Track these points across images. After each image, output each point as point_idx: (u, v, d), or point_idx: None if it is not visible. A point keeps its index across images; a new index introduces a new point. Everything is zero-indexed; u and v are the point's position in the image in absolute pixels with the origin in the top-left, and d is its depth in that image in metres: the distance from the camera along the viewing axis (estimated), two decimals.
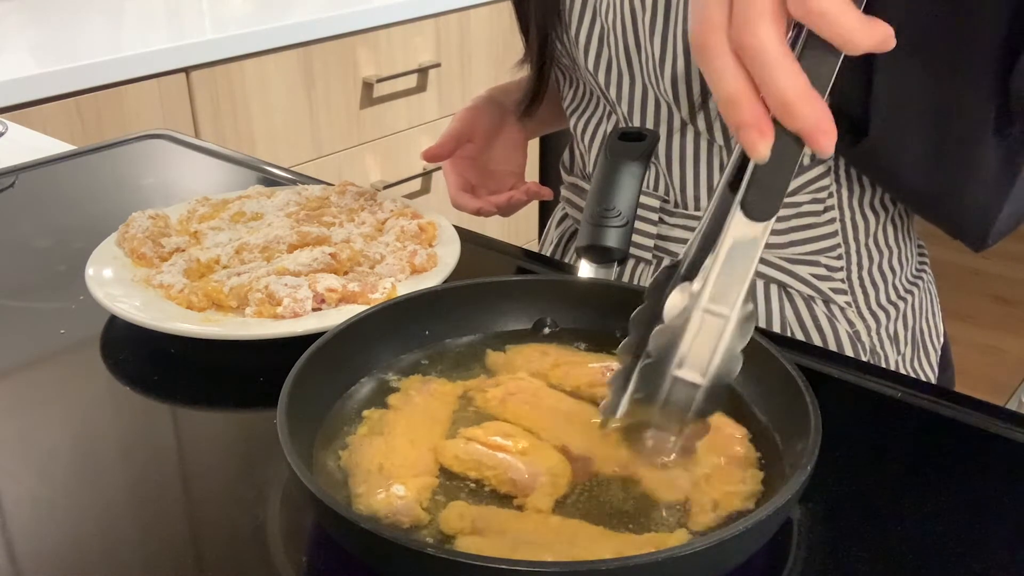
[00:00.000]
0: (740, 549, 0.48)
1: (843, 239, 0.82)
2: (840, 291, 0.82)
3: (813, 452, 0.50)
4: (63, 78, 1.52)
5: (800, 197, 0.80)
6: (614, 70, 0.83)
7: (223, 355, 0.72)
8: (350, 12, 1.93)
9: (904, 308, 0.86)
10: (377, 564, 0.49)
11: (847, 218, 0.81)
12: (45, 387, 0.72)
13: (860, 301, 0.83)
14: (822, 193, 0.80)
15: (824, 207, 0.80)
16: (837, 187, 0.80)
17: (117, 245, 0.82)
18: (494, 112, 0.97)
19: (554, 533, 0.50)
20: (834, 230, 0.81)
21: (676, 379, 0.52)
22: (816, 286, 0.82)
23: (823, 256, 0.82)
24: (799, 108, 0.44)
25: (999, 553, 0.53)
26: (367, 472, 0.54)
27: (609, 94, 0.85)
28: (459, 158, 0.96)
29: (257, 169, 1.10)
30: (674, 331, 0.51)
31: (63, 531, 0.56)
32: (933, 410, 0.64)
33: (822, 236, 0.81)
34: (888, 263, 0.85)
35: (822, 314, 0.82)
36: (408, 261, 0.79)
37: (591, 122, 0.90)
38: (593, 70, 0.85)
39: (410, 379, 0.62)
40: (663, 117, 0.82)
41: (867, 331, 0.84)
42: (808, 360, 0.68)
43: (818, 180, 0.80)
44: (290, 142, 1.90)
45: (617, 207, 0.75)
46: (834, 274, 0.82)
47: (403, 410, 0.59)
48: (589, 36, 0.84)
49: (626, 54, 0.82)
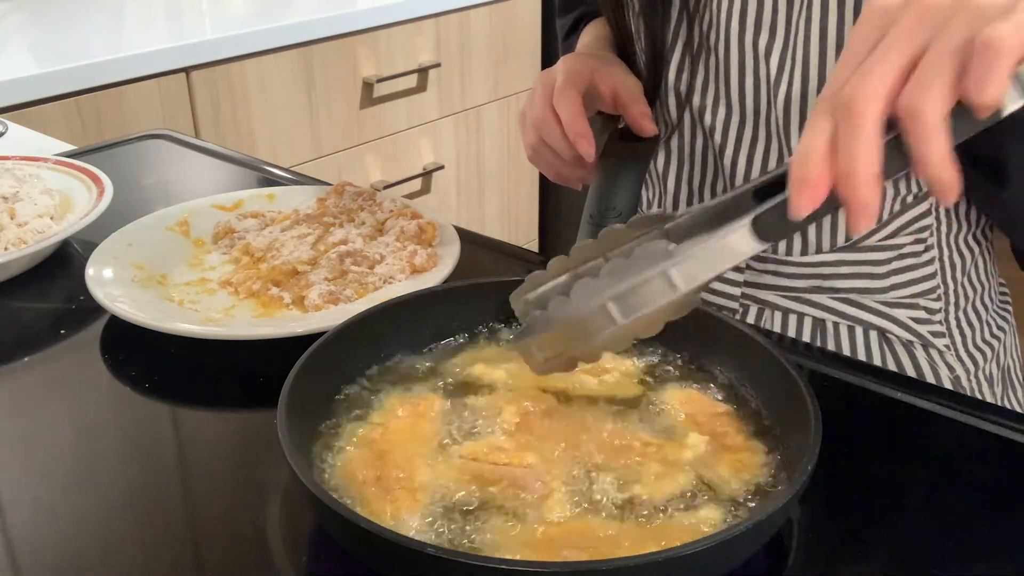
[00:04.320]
0: (740, 549, 0.48)
1: (941, 279, 0.80)
2: (939, 334, 0.81)
3: (813, 452, 0.50)
4: (63, 78, 1.52)
5: (902, 239, 0.78)
6: (710, 94, 0.79)
7: (223, 355, 0.72)
8: (350, 12, 1.93)
9: (997, 348, 0.85)
10: (377, 564, 0.49)
11: (945, 256, 0.80)
12: (45, 387, 0.72)
13: (958, 343, 0.82)
14: (924, 233, 0.78)
15: (925, 247, 0.79)
16: (937, 224, 0.78)
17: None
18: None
19: (579, 536, 0.50)
20: (934, 271, 0.79)
21: (603, 308, 0.53)
22: (916, 330, 0.80)
23: (922, 299, 0.80)
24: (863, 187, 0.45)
25: (999, 553, 0.53)
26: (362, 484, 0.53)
27: (703, 123, 0.81)
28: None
29: (257, 169, 1.10)
30: (628, 268, 0.52)
31: (63, 531, 0.56)
32: (933, 410, 0.64)
33: (922, 278, 0.79)
34: (980, 300, 0.83)
35: (923, 360, 0.80)
36: (408, 261, 0.79)
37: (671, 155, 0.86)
38: (686, 93, 0.80)
39: (403, 393, 0.61)
40: (759, 151, 0.78)
41: (967, 375, 0.82)
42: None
43: (920, 219, 0.78)
44: (290, 142, 1.90)
45: (617, 207, 0.75)
46: (933, 316, 0.80)
47: (398, 423, 0.59)
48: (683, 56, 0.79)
49: (725, 76, 0.78)
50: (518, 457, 0.55)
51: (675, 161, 0.85)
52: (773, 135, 0.77)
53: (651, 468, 0.54)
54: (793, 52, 0.73)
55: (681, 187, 0.85)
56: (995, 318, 0.85)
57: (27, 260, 0.84)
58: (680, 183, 0.85)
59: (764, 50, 0.74)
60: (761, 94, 0.76)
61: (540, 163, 0.84)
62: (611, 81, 0.80)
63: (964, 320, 0.82)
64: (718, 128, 0.79)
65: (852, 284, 0.80)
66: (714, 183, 0.82)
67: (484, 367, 0.64)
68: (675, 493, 0.53)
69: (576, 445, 0.56)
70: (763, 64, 0.75)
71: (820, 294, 0.80)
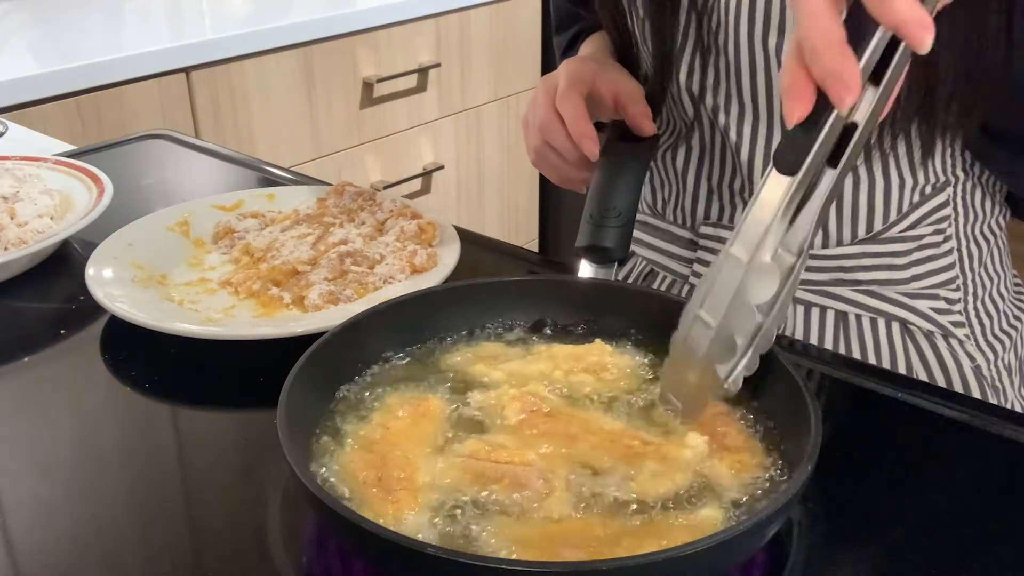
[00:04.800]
0: (740, 549, 0.48)
1: (960, 269, 0.81)
2: (959, 324, 0.82)
3: (813, 452, 0.50)
4: (63, 78, 1.52)
5: (922, 229, 0.79)
6: (722, 93, 0.79)
7: (223, 355, 0.72)
8: (350, 12, 1.93)
9: (1016, 337, 0.86)
10: (377, 564, 0.49)
11: (963, 247, 0.81)
12: (45, 387, 0.72)
13: (978, 333, 0.83)
14: (943, 223, 0.79)
15: (944, 237, 0.80)
16: (955, 215, 0.80)
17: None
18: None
19: (580, 535, 0.50)
20: (952, 261, 0.81)
21: (696, 317, 0.53)
22: (936, 320, 0.81)
23: (942, 289, 0.81)
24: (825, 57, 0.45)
25: (999, 553, 0.53)
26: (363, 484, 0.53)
27: (718, 121, 0.81)
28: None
29: (257, 169, 1.10)
30: (708, 276, 0.52)
31: (63, 531, 0.56)
32: (933, 410, 0.64)
33: (942, 268, 0.80)
34: (997, 290, 0.84)
35: (944, 350, 0.81)
36: (408, 261, 0.79)
37: (680, 152, 0.86)
38: (698, 93, 0.81)
39: (404, 393, 0.61)
40: (775, 146, 0.78)
41: (987, 364, 0.83)
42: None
43: (939, 210, 0.79)
44: (290, 142, 1.90)
45: (617, 207, 0.75)
46: (952, 306, 0.81)
47: (398, 423, 0.58)
48: (692, 58, 0.80)
49: (736, 75, 0.77)
50: (519, 455, 0.55)
51: (695, 159, 0.85)
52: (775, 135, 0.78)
53: (650, 467, 0.54)
54: None
55: (700, 184, 0.86)
56: (1011, 308, 0.87)
57: (27, 260, 0.84)
58: (700, 180, 0.86)
59: (774, 49, 0.75)
60: (773, 92, 0.76)
61: (544, 166, 0.85)
62: (612, 84, 0.81)
63: (982, 310, 0.83)
64: (732, 126, 0.80)
65: (874, 276, 0.80)
66: (732, 180, 0.83)
67: (484, 367, 0.63)
68: (673, 492, 0.53)
69: (577, 443, 0.56)
70: (773, 62, 0.75)
71: (842, 287, 0.81)
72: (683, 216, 0.88)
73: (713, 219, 0.85)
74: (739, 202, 0.83)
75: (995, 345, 0.84)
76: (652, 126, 0.80)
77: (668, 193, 0.90)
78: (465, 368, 0.64)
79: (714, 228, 0.85)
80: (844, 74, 0.45)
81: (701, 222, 0.86)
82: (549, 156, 0.82)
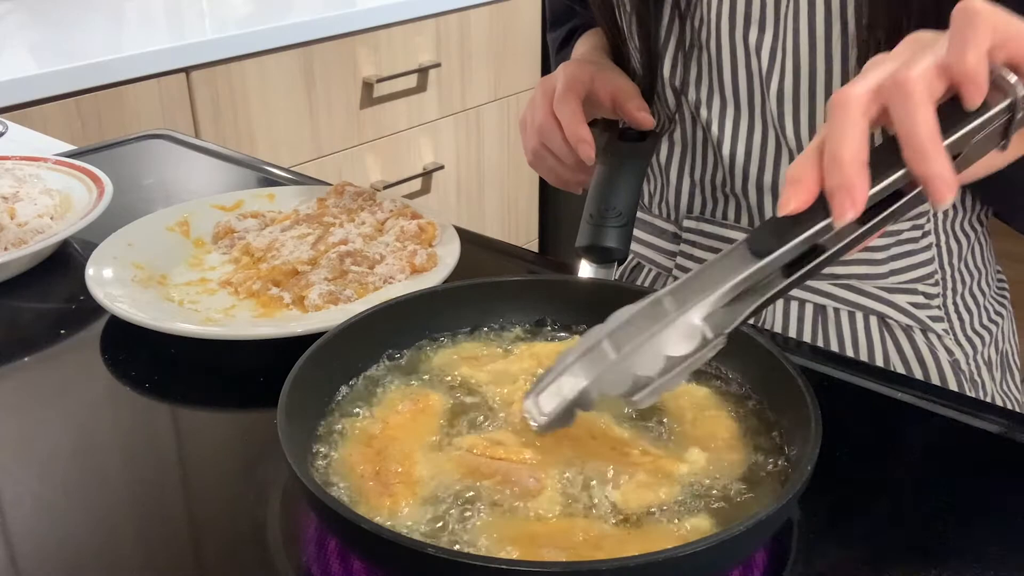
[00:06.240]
0: (740, 549, 0.48)
1: (939, 264, 0.81)
2: (937, 319, 0.82)
3: (813, 452, 0.50)
4: (63, 78, 1.52)
5: (900, 224, 0.79)
6: (704, 88, 0.80)
7: (223, 355, 0.72)
8: (350, 12, 1.93)
9: (996, 332, 0.86)
10: (377, 564, 0.49)
11: (942, 242, 0.81)
12: (45, 387, 0.72)
13: (957, 328, 0.83)
14: (921, 219, 0.79)
15: (922, 232, 0.80)
16: (933, 211, 0.79)
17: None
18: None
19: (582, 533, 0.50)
20: (931, 256, 0.81)
21: (599, 343, 0.52)
22: (915, 315, 0.81)
23: (920, 284, 0.81)
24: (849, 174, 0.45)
25: (1000, 553, 0.53)
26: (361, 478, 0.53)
27: (700, 116, 0.81)
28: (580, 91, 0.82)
29: (257, 169, 1.10)
30: (623, 312, 0.51)
31: (63, 531, 0.56)
32: (934, 410, 0.64)
33: (920, 263, 0.80)
34: (978, 285, 0.84)
35: (922, 344, 0.81)
36: (408, 261, 0.79)
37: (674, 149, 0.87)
38: (680, 88, 0.81)
39: (403, 390, 0.61)
40: (756, 142, 0.79)
41: (965, 359, 0.83)
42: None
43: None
44: (290, 142, 1.90)
45: (617, 207, 0.75)
46: (931, 301, 0.81)
47: (397, 418, 0.59)
48: (676, 53, 0.80)
49: (718, 71, 0.78)
50: (516, 452, 0.55)
51: (677, 154, 0.86)
52: (769, 126, 0.78)
53: (639, 477, 0.53)
54: (783, 45, 0.74)
55: (683, 178, 0.86)
56: (992, 303, 0.87)
57: (27, 260, 0.84)
58: (682, 175, 0.86)
59: (755, 45, 0.75)
60: (754, 87, 0.77)
61: (541, 168, 0.85)
62: (610, 85, 0.81)
63: (962, 305, 0.83)
64: (714, 121, 0.80)
65: (852, 270, 0.81)
66: (714, 175, 0.83)
67: (484, 366, 0.64)
68: (657, 505, 0.52)
69: (576, 446, 0.56)
70: (754, 58, 0.76)
71: (820, 280, 0.82)
72: (667, 210, 0.89)
73: (696, 213, 0.86)
74: (720, 196, 0.84)
75: (975, 340, 0.84)
76: (651, 119, 0.80)
77: (653, 187, 0.90)
78: (465, 368, 0.64)
79: (696, 222, 0.85)
80: (854, 192, 0.45)
81: (684, 216, 0.87)
82: (546, 158, 0.83)
